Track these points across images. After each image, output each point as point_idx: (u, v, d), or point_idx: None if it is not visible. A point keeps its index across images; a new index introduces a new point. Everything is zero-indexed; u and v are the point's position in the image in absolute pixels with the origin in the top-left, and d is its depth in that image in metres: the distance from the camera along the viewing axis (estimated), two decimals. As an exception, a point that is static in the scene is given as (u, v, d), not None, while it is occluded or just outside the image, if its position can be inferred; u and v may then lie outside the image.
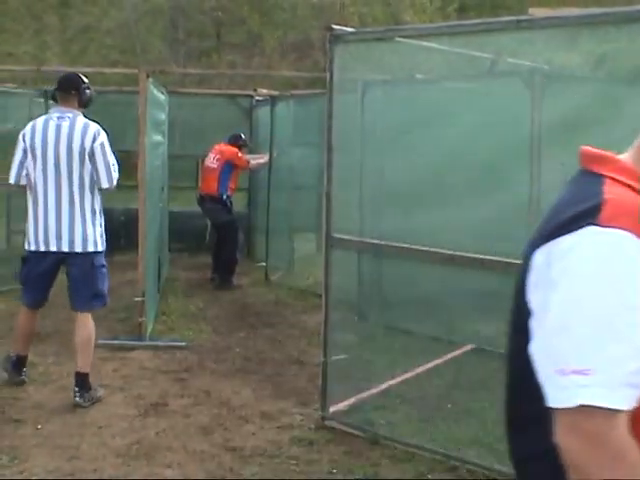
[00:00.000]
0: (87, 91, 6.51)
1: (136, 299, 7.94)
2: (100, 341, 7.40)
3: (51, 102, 7.00)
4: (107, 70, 15.74)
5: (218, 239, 11.37)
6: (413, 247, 5.76)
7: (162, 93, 10.44)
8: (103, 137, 6.37)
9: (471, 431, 5.72)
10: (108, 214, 6.97)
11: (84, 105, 6.52)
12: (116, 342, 7.94)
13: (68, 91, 6.45)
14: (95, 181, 6.32)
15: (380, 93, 8.38)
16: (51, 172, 6.26)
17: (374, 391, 6.43)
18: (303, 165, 10.75)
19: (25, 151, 6.36)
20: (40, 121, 6.44)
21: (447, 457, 5.28)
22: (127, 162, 8.63)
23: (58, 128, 6.28)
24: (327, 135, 5.79)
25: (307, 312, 9.44)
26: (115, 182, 6.39)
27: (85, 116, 6.51)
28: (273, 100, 11.58)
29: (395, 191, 7.56)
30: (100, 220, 6.45)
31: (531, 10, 12.62)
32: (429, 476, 5.10)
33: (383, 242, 6.21)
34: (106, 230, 6.63)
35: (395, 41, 5.79)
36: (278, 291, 10.54)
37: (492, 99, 7.51)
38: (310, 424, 5.96)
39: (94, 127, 6.37)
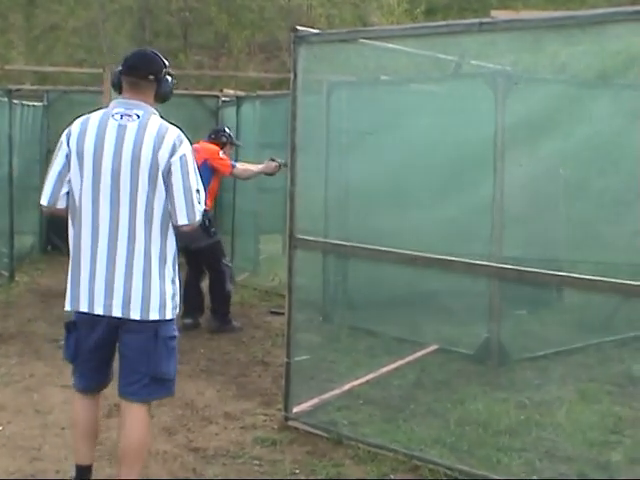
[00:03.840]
0: (169, 79, 4.51)
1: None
2: (62, 341, 7.35)
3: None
4: (73, 69, 15.68)
5: (195, 270, 8.88)
6: (377, 248, 5.77)
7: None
8: (186, 148, 4.36)
9: (433, 431, 5.74)
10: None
11: (162, 99, 4.52)
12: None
13: (143, 76, 4.42)
14: (169, 214, 4.33)
15: (346, 94, 8.43)
16: (105, 193, 4.28)
17: (337, 392, 6.42)
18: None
19: (68, 158, 4.38)
20: (95, 118, 4.41)
21: (409, 457, 5.30)
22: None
23: (121, 130, 4.32)
24: (291, 136, 5.81)
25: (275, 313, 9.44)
26: (198, 218, 4.37)
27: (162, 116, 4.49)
28: (239, 101, 11.60)
29: (360, 192, 7.59)
30: (173, 273, 4.42)
31: (493, 13, 12.70)
32: (392, 476, 5.11)
33: (347, 243, 6.22)
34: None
35: (359, 42, 5.81)
36: (243, 292, 10.52)
37: (456, 101, 7.57)
38: (273, 424, 5.96)
39: (174, 132, 4.36)
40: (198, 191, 4.37)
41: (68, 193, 4.40)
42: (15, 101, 11.12)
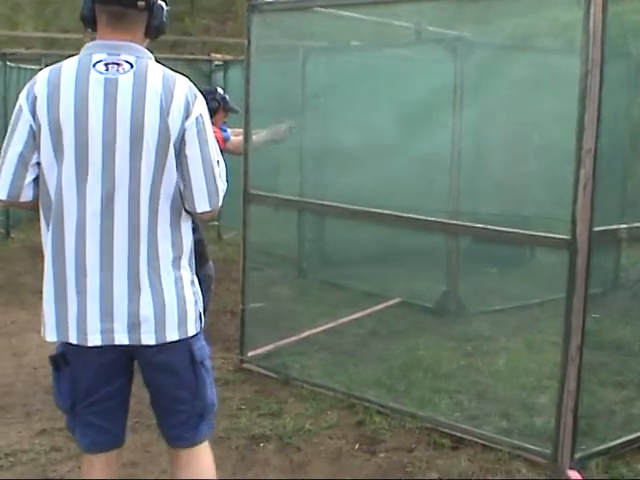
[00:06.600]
0: (163, 5, 3.22)
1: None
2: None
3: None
4: (73, 36, 15.91)
5: None
6: (324, 203, 6.22)
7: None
8: (201, 105, 3.16)
9: (377, 374, 6.16)
10: None
11: (155, 34, 3.24)
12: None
13: (131, 3, 3.12)
14: (182, 198, 3.18)
15: (314, 60, 8.84)
16: (95, 178, 3.05)
17: (294, 338, 6.85)
18: (258, 127, 11.09)
19: (34, 132, 3.08)
20: (69, 70, 3.09)
21: (348, 396, 5.72)
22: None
23: (110, 87, 3.05)
24: (245, 98, 6.21)
25: (253, 269, 9.83)
26: (221, 200, 3.23)
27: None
28: (226, 65, 11.97)
29: (318, 151, 7.99)
30: (190, 272, 3.27)
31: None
32: (328, 412, 5.54)
33: (296, 198, 6.64)
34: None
35: (313, 11, 6.18)
36: (229, 249, 10.93)
37: (417, 65, 7.93)
38: (229, 367, 6.39)
39: (184, 84, 3.14)
40: (218, 162, 3.22)
41: (35, 180, 3.13)
42: (11, 64, 11.51)
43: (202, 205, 3.16)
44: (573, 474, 4.65)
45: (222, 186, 3.23)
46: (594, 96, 4.47)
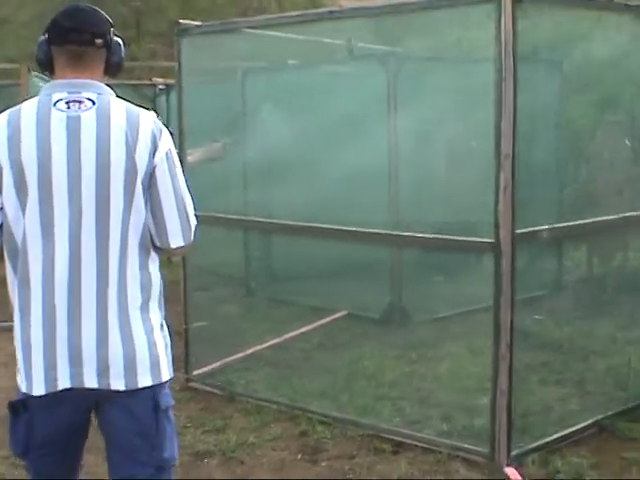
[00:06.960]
0: (119, 42, 3.18)
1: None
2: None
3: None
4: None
5: None
6: (263, 220, 6.33)
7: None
8: (168, 139, 3.09)
9: (321, 385, 6.26)
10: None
11: (115, 71, 3.18)
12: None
13: (89, 41, 3.06)
14: (154, 235, 3.10)
15: (259, 79, 8.98)
16: (61, 220, 2.95)
17: (240, 355, 6.94)
18: (197, 147, 11.21)
19: None
20: (28, 111, 2.99)
21: (291, 408, 5.82)
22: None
23: (73, 125, 2.95)
24: (178, 120, 6.30)
25: (200, 289, 9.89)
26: (193, 235, 3.16)
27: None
28: (169, 88, 12.03)
29: (261, 169, 8.10)
30: (160, 314, 3.15)
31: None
32: (272, 425, 5.64)
33: (236, 217, 6.73)
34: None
35: (242, 32, 6.29)
36: (178, 272, 10.95)
37: (350, 80, 8.08)
38: (175, 386, 6.44)
39: (149, 118, 3.07)
40: (187, 196, 3.13)
41: (0, 226, 3.01)
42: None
43: (176, 240, 3.08)
44: (510, 471, 4.77)
45: (194, 220, 3.15)
46: (509, 102, 4.63)
